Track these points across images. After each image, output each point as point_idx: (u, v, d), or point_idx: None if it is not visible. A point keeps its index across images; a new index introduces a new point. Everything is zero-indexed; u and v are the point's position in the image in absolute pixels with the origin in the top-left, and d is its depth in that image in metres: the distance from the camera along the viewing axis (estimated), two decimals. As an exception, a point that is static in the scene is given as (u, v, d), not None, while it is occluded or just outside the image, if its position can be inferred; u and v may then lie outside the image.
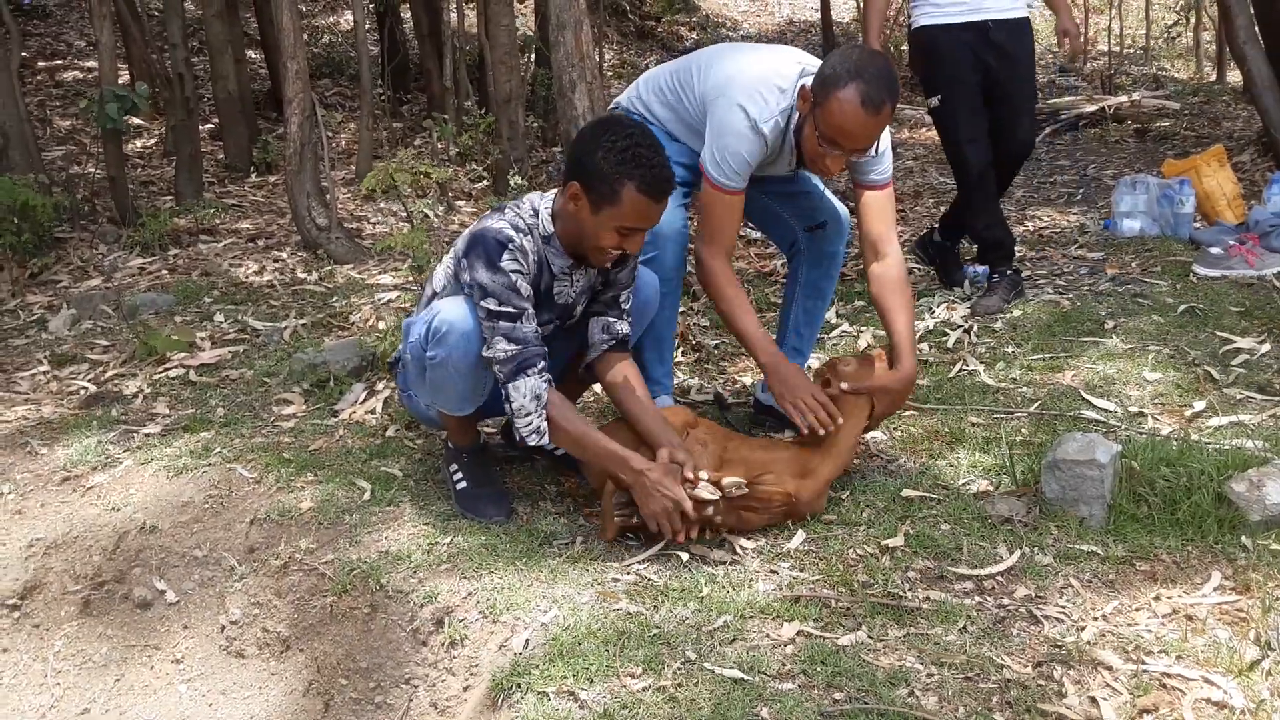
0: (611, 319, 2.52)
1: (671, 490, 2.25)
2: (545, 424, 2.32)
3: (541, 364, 2.32)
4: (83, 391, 3.58)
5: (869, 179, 2.65)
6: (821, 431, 2.45)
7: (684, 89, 2.71)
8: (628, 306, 2.55)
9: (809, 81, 2.49)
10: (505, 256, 2.31)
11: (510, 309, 2.30)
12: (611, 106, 2.94)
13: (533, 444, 2.36)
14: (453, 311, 2.33)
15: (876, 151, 2.60)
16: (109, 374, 3.71)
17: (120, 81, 5.91)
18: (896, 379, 2.54)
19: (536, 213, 2.41)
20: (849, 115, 2.38)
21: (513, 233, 2.34)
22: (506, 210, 2.41)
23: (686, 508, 2.24)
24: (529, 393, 2.31)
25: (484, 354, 2.33)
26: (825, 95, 2.40)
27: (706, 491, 2.24)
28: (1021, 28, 3.77)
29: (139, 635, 2.58)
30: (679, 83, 2.72)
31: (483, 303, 2.30)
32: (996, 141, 3.83)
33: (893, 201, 2.70)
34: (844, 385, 2.51)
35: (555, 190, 2.45)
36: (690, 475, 2.28)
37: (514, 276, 2.31)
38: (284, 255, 5.09)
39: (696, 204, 2.80)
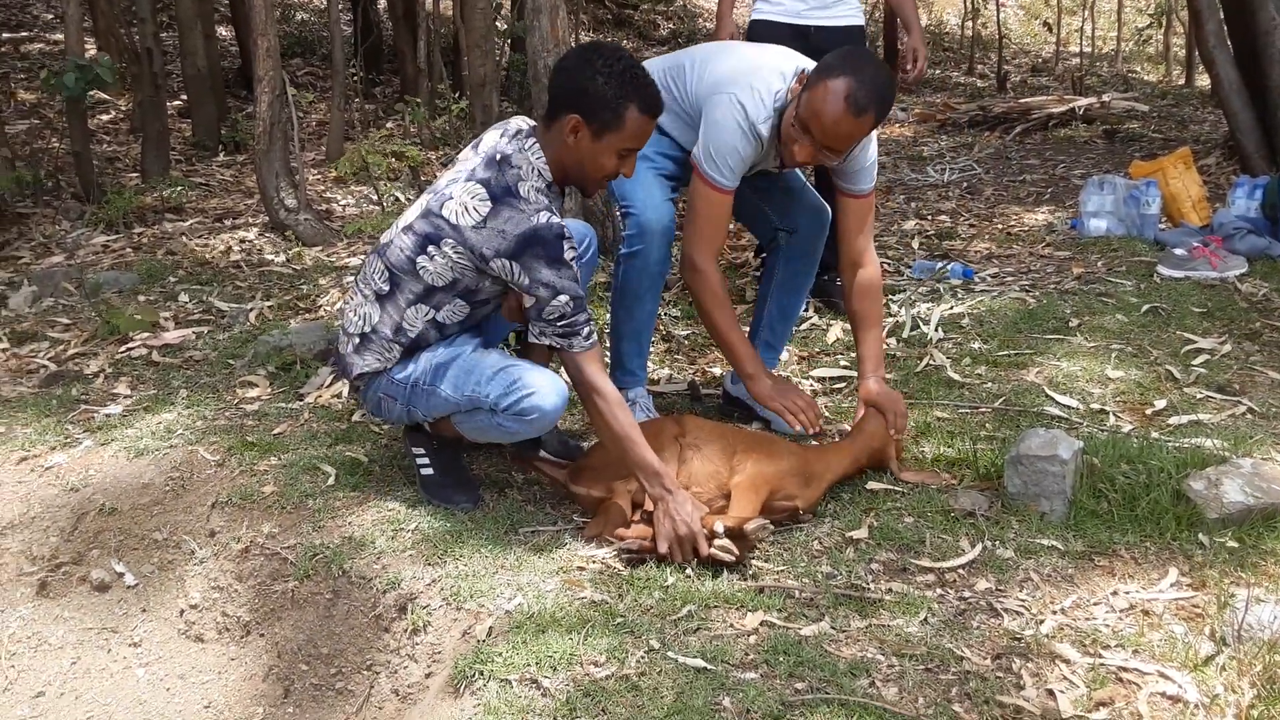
0: None
1: (692, 523, 2.22)
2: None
3: (602, 358, 2.35)
4: (43, 370, 3.52)
5: (854, 187, 2.66)
6: (813, 430, 2.60)
7: (676, 84, 2.70)
8: None
9: (810, 69, 2.51)
10: (566, 247, 2.26)
11: (579, 297, 2.29)
12: None
13: None
14: (548, 396, 2.29)
15: (846, 159, 2.58)
16: (70, 353, 3.65)
17: (87, 55, 5.80)
18: (876, 397, 2.63)
19: (534, 167, 2.30)
20: (829, 105, 2.38)
21: (557, 218, 2.28)
22: (522, 190, 2.26)
23: (701, 547, 2.21)
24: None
25: (536, 333, 2.32)
26: (817, 79, 2.42)
27: (724, 553, 2.20)
28: (848, 35, 3.76)
29: (96, 618, 2.54)
30: (671, 78, 2.71)
31: (554, 301, 2.26)
32: None
33: (873, 211, 2.72)
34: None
35: (520, 134, 2.35)
36: (708, 525, 2.22)
37: (574, 264, 2.29)
38: (251, 236, 5.03)
39: (683, 198, 2.79)
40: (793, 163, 2.58)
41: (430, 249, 2.33)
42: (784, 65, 2.59)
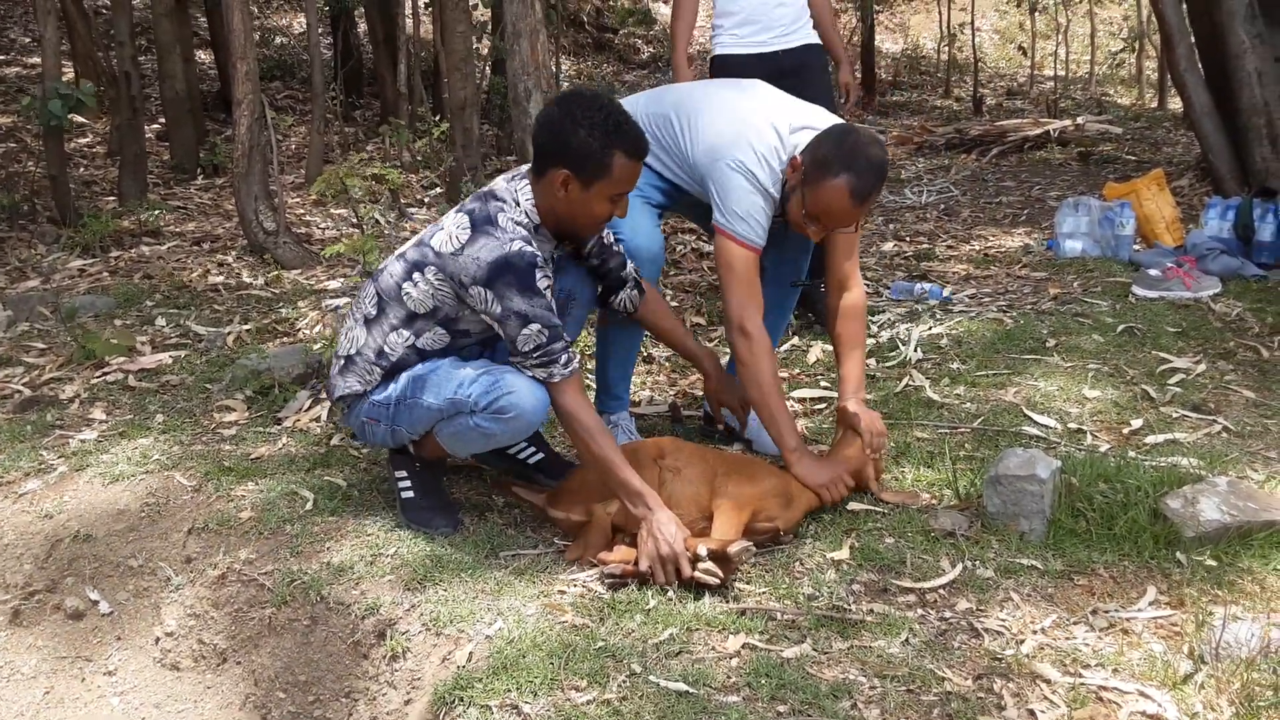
0: (627, 282, 2.64)
1: (675, 544, 2.21)
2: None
3: (582, 383, 2.38)
4: (17, 395, 3.48)
5: None
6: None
7: (663, 133, 2.71)
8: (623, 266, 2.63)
9: (801, 141, 2.52)
10: (539, 276, 2.27)
11: (554, 326, 2.29)
12: None
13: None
14: (526, 398, 2.29)
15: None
16: (45, 377, 3.62)
17: (64, 79, 5.79)
18: (857, 417, 2.60)
19: (518, 204, 2.35)
20: (836, 203, 2.45)
21: (533, 248, 2.29)
22: (502, 221, 2.29)
23: (684, 568, 2.20)
24: None
25: (518, 368, 2.33)
26: (817, 178, 2.45)
27: (708, 576, 2.18)
28: (810, 53, 3.86)
29: (70, 646, 2.51)
30: (656, 126, 2.72)
31: (525, 330, 2.26)
32: None
33: (859, 235, 2.74)
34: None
35: (517, 175, 2.39)
36: (691, 548, 2.21)
37: (548, 294, 2.30)
38: (229, 259, 5.01)
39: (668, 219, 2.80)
40: (809, 237, 2.63)
41: (415, 275, 2.37)
42: (773, 117, 2.59)
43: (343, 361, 2.48)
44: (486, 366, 2.37)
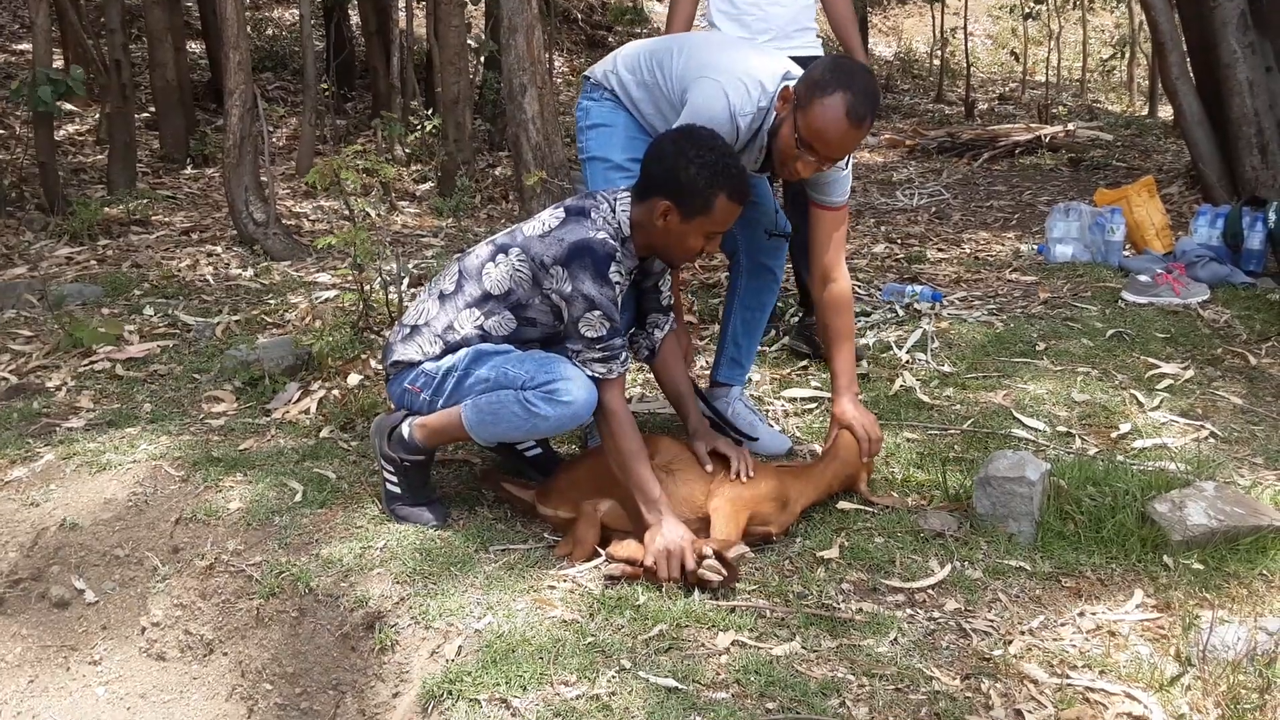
0: (659, 313, 2.62)
1: (682, 541, 2.23)
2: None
3: (624, 384, 2.42)
4: (3, 383, 3.46)
5: (828, 199, 2.66)
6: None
7: (661, 69, 2.68)
8: (666, 289, 2.63)
9: (792, 84, 2.51)
10: (612, 268, 2.34)
11: (614, 322, 2.34)
12: (585, 75, 2.93)
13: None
14: (581, 389, 2.32)
15: (845, 166, 2.61)
16: (31, 365, 3.59)
17: (55, 66, 5.74)
18: (852, 420, 2.59)
19: (614, 212, 2.42)
20: (831, 122, 2.39)
21: (615, 244, 2.36)
22: (594, 215, 2.39)
23: (688, 561, 2.21)
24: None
25: (577, 361, 2.35)
26: (810, 99, 2.41)
27: (712, 573, 2.20)
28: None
29: (55, 635, 2.49)
30: (656, 62, 2.69)
31: (588, 314, 2.32)
32: None
33: (846, 225, 2.72)
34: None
35: (625, 191, 2.45)
36: (697, 548, 2.23)
37: (617, 289, 2.36)
38: (219, 250, 4.99)
39: None
40: (795, 178, 2.58)
41: (499, 257, 2.46)
42: (773, 65, 2.59)
43: (408, 330, 2.54)
44: (552, 356, 2.42)
